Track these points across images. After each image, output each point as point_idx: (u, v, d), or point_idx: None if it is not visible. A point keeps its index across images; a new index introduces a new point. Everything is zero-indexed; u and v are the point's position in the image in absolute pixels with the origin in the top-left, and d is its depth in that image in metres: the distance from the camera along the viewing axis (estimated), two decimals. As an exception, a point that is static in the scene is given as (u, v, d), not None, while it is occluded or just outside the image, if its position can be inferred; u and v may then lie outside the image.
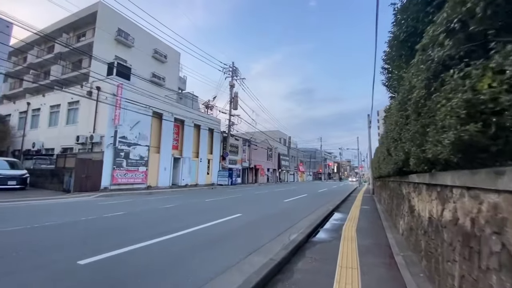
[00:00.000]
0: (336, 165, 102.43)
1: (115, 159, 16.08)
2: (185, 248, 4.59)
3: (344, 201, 13.81)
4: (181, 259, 4.01)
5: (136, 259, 3.93)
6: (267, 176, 41.97)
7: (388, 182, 10.00)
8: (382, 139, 7.32)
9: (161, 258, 3.98)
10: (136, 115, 17.43)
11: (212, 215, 8.10)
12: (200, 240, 5.16)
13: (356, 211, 10.00)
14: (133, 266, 3.66)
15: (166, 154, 20.28)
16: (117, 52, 23.92)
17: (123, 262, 3.80)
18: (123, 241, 4.78)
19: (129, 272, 3.45)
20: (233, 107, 27.79)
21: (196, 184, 23.47)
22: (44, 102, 19.94)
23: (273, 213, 8.90)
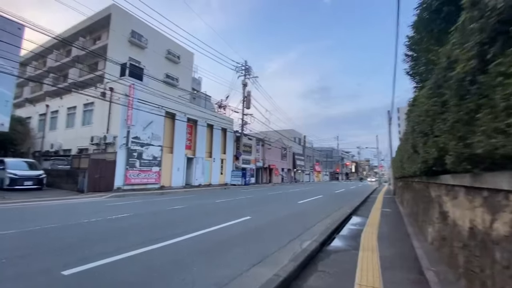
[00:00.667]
0: (354, 165, 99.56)
1: (128, 159, 16.12)
2: (180, 258, 4.13)
3: (363, 203, 12.95)
4: (172, 272, 3.55)
5: (117, 271, 3.51)
6: (281, 176, 41.24)
7: (412, 183, 9.12)
8: (406, 135, 6.53)
9: (147, 271, 3.53)
10: (149, 115, 17.42)
11: (219, 217, 7.66)
12: (200, 247, 4.70)
13: (376, 214, 9.19)
14: (112, 280, 3.24)
15: (179, 154, 20.19)
16: (131, 53, 24.25)
17: (105, 274, 3.39)
18: (114, 248, 4.41)
19: (112, 286, 3.03)
20: (246, 106, 27.38)
21: (209, 184, 23.27)
22: (62, 104, 20.49)
23: (284, 216, 8.32)
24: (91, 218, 7.04)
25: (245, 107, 27.47)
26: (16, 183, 13.43)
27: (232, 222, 7.00)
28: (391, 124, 19.46)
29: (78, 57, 24.16)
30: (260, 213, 8.76)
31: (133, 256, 4.06)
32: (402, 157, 8.71)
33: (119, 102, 16.01)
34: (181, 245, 4.81)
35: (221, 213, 8.56)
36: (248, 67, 27.54)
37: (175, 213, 8.33)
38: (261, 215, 8.34)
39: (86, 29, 24.58)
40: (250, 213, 8.57)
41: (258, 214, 8.61)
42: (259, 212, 8.97)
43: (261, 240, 5.38)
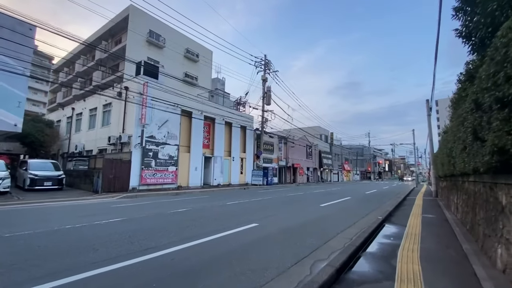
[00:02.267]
0: (387, 163, 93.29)
1: (143, 159, 15.76)
2: (147, 283, 3.05)
3: (398, 206, 11.05)
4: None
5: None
6: (306, 176, 39.29)
7: (464, 183, 7.22)
8: (459, 118, 4.85)
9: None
10: (164, 114, 16.97)
11: (222, 224, 6.54)
12: (176, 269, 3.59)
13: (416, 222, 7.44)
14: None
15: (197, 153, 19.57)
16: (149, 53, 24.28)
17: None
18: (63, 268, 3.46)
19: None
20: (266, 102, 26.11)
21: (229, 184, 22.42)
22: (85, 106, 20.96)
23: (300, 224, 6.96)
24: (76, 223, 6.32)
25: (265, 103, 26.22)
26: (36, 183, 13.62)
27: (233, 231, 5.83)
28: (430, 115, 16.93)
29: (101, 60, 24.78)
30: (271, 219, 7.48)
31: (79, 281, 3.07)
32: (449, 151, 6.88)
33: (134, 101, 15.70)
34: (155, 264, 3.74)
35: (226, 218, 7.44)
36: (268, 61, 26.25)
37: (172, 218, 7.37)
38: (271, 222, 7.07)
39: (108, 32, 25.15)
40: (259, 219, 7.35)
41: (269, 220, 7.35)
42: (271, 218, 7.70)
43: (260, 258, 4.13)
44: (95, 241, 4.89)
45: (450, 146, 6.50)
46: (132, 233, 5.53)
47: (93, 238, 5.07)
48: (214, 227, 6.23)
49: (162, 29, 25.10)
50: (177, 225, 6.41)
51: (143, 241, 4.93)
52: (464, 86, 5.56)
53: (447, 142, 7.20)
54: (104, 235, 5.35)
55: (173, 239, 5.13)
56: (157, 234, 5.46)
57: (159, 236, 5.30)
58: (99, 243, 4.74)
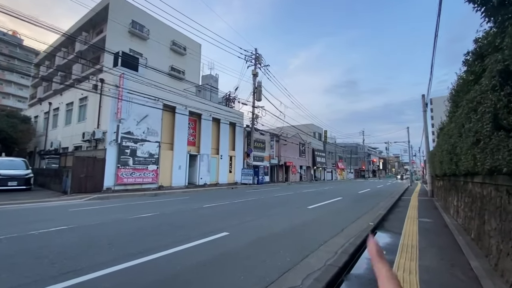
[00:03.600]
0: (381, 161, 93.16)
1: (119, 157, 14.57)
2: None
3: (392, 208, 10.14)
4: None
5: None
6: (299, 174, 38.40)
7: (466, 184, 6.30)
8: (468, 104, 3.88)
9: None
10: (144, 108, 15.79)
11: (186, 233, 5.50)
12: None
13: (412, 229, 6.49)
14: None
15: (181, 151, 18.43)
16: (131, 45, 22.94)
17: None
18: None
19: None
20: (257, 98, 25.05)
21: (216, 183, 21.34)
22: (62, 101, 19.63)
23: (279, 232, 5.94)
24: (6, 233, 5.19)
25: (256, 99, 25.16)
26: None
27: (194, 243, 4.80)
28: (426, 111, 16.10)
29: (81, 52, 23.39)
30: (247, 226, 6.46)
31: None
32: (451, 147, 5.93)
33: (109, 93, 14.49)
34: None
35: (194, 225, 6.39)
36: (258, 55, 25.16)
37: (130, 225, 6.29)
38: (246, 230, 6.04)
39: (88, 22, 23.70)
40: (233, 226, 6.32)
41: (244, 227, 6.32)
42: (248, 224, 6.67)
43: (210, 286, 3.11)
44: (4, 261, 3.79)
45: (453, 142, 5.54)
46: (63, 248, 4.44)
47: (4, 257, 3.96)
48: (175, 237, 5.19)
49: (146, 20, 23.79)
50: (130, 236, 5.34)
51: (69, 260, 3.85)
52: (473, 67, 4.59)
53: (448, 137, 6.26)
54: (26, 250, 4.26)
55: (112, 255, 4.07)
56: (94, 249, 4.39)
57: (95, 252, 4.23)
58: (8, 264, 3.65)
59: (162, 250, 4.34)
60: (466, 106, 3.81)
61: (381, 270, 0.46)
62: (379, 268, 0.47)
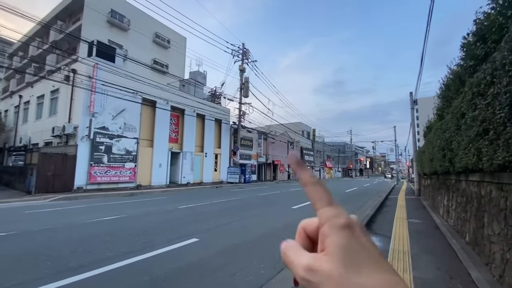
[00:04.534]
0: (368, 160, 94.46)
1: (92, 153, 13.51)
2: None
3: (380, 208, 9.69)
4: None
5: None
6: (287, 173, 37.99)
7: (459, 183, 5.84)
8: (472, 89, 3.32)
9: None
10: (121, 102, 14.74)
11: (149, 240, 4.75)
12: None
13: (402, 231, 5.98)
14: None
15: (162, 148, 17.47)
16: (110, 35, 21.63)
17: None
18: None
19: None
20: (244, 94, 24.32)
21: (200, 182, 20.48)
22: (32, 93, 18.24)
23: (256, 237, 5.28)
24: None
25: (243, 95, 24.42)
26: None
27: (156, 252, 4.07)
28: (414, 108, 15.88)
29: (55, 42, 21.87)
30: (222, 230, 5.76)
31: None
32: (446, 142, 5.43)
33: (82, 85, 13.39)
34: None
35: (161, 230, 5.63)
36: (246, 50, 24.41)
37: (83, 231, 5.47)
38: (220, 234, 5.34)
39: (64, 10, 22.15)
40: (206, 230, 5.61)
41: (219, 231, 5.62)
42: (223, 228, 5.97)
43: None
44: None
45: (448, 137, 5.03)
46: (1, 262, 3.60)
47: None
48: (132, 246, 4.43)
49: (127, 10, 22.53)
50: (76, 245, 4.52)
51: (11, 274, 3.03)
52: (474, 51, 4.05)
53: (442, 132, 5.76)
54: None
55: (44, 272, 3.28)
56: (18, 265, 3.57)
57: (13, 269, 3.42)
58: None
59: (108, 264, 3.58)
60: (470, 91, 3.24)
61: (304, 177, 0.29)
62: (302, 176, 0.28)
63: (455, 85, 7.22)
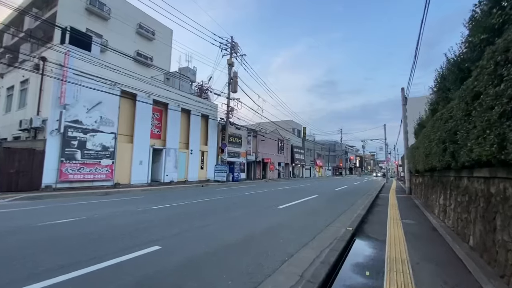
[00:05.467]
0: (358, 159, 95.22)
1: (63, 149, 12.41)
2: None
3: (372, 207, 9.11)
4: None
5: None
6: (278, 171, 37.38)
7: (460, 180, 5.25)
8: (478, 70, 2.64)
9: None
10: (97, 93, 13.65)
11: (99, 249, 3.92)
12: None
13: (397, 233, 5.35)
14: None
15: (142, 144, 16.44)
16: (89, 24, 20.32)
17: None
18: None
19: None
20: (232, 89, 23.44)
21: (185, 180, 19.53)
22: (2, 85, 16.84)
23: (232, 242, 4.51)
24: None
25: (231, 90, 23.54)
26: None
27: (100, 266, 3.24)
28: (406, 104, 15.44)
29: (30, 31, 20.40)
30: (192, 235, 4.96)
31: None
32: (448, 133, 4.81)
33: (52, 74, 12.26)
34: None
35: (118, 236, 4.78)
36: (234, 43, 23.53)
37: (24, 238, 4.57)
38: (187, 241, 4.54)
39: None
40: (174, 235, 4.81)
41: (186, 237, 4.82)
42: (193, 232, 5.17)
43: None
44: None
45: (451, 126, 4.39)
46: None
47: None
48: (76, 256, 3.58)
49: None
50: (4, 255, 3.63)
51: None
52: (486, 22, 3.39)
53: (443, 122, 5.14)
54: None
55: None
56: None
57: None
58: None
59: (42, 279, 2.73)
60: (491, 62, 2.55)
61: None
62: None
63: (453, 75, 6.66)
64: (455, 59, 6.68)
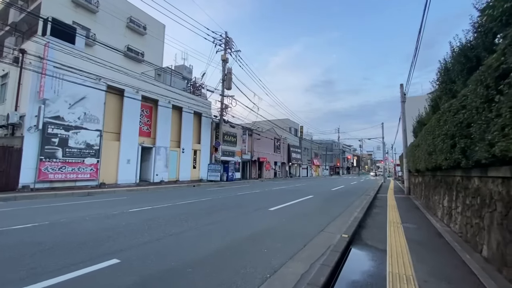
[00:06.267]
0: (355, 159, 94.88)
1: (43, 147, 11.67)
2: None
3: (369, 209, 8.49)
4: None
5: None
6: (274, 171, 36.74)
7: (467, 180, 4.63)
8: None
9: None
10: (80, 88, 12.90)
11: (45, 263, 3.23)
12: None
13: (399, 241, 4.71)
14: None
15: (130, 142, 15.70)
16: (76, 17, 19.50)
17: None
18: None
19: None
20: (226, 86, 22.75)
21: (176, 180, 18.82)
22: (-18, 79, 15.98)
23: (208, 253, 3.85)
24: None
25: (225, 87, 22.85)
26: None
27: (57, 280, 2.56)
28: (405, 101, 14.85)
29: (15, 24, 19.57)
30: (163, 244, 4.30)
31: None
32: (458, 127, 4.19)
33: (32, 68, 11.50)
34: None
35: (74, 246, 4.10)
36: (229, 38, 22.82)
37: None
38: (154, 253, 3.87)
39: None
40: (139, 246, 4.14)
41: (156, 247, 4.15)
42: (168, 241, 4.51)
43: None
44: None
45: (465, 118, 3.76)
46: None
47: None
48: (9, 273, 2.90)
49: (96, -10, 20.45)
50: None
51: None
52: None
53: (452, 114, 4.50)
54: None
55: None
56: None
57: None
58: None
59: None
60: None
61: None
62: None
63: (460, 65, 6.07)
64: (461, 47, 6.10)
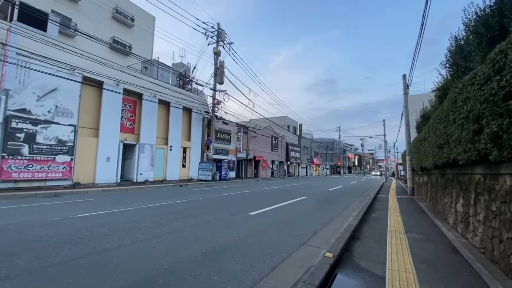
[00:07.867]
0: (357, 158, 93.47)
1: (5, 142, 10.53)
2: None
3: (367, 213, 7.29)
4: None
5: None
6: (271, 170, 35.51)
7: (494, 178, 3.43)
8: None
9: None
10: (51, 78, 11.76)
11: None
12: None
13: (403, 262, 3.50)
14: None
15: (110, 138, 14.54)
16: (55, 6, 18.32)
17: None
18: None
19: None
20: (219, 80, 21.56)
21: (163, 180, 17.66)
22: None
23: (139, 280, 2.65)
24: None
25: (217, 81, 21.66)
26: None
27: None
28: (407, 93, 13.62)
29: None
30: (85, 262, 3.11)
31: None
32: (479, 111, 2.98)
33: (-7, 55, 10.36)
34: None
35: None
36: (221, 30, 21.63)
37: None
38: (63, 277, 2.68)
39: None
40: (54, 265, 2.94)
41: (72, 266, 2.96)
42: (92, 258, 3.32)
43: None
44: None
45: (497, 89, 2.54)
46: None
47: None
48: None
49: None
50: None
51: None
52: None
53: (478, 87, 3.27)
54: None
55: None
56: None
57: None
58: None
59: None
60: None
61: None
62: None
63: (478, 36, 4.94)
64: (479, 14, 4.94)
